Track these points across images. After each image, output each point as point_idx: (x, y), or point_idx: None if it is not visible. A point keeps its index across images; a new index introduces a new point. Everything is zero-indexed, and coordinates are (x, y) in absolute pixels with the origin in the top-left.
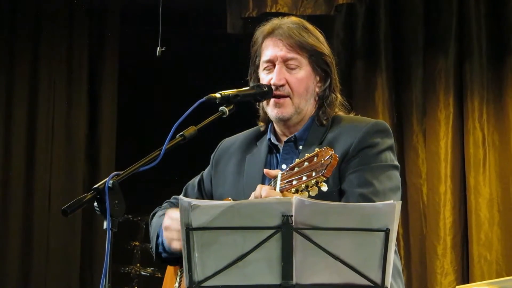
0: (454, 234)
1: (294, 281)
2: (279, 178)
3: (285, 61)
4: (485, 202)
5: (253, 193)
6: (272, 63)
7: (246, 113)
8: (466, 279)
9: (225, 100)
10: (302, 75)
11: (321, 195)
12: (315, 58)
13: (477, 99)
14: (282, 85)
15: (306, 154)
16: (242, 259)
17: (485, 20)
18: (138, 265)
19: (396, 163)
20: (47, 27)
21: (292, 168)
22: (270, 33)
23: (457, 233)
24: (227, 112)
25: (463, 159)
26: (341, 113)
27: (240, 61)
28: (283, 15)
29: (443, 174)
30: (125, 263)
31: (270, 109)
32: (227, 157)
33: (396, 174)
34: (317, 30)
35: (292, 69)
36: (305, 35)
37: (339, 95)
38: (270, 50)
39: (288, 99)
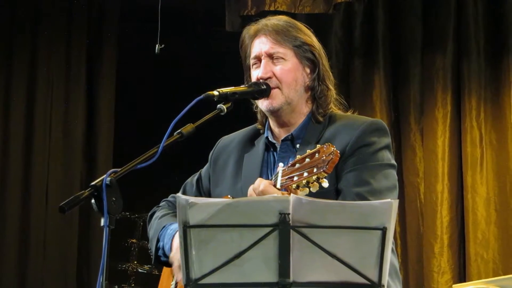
0: (451, 232)
1: (291, 279)
2: (280, 174)
3: (270, 55)
4: (482, 201)
5: (251, 186)
6: (258, 58)
7: (244, 110)
8: (462, 278)
9: (223, 97)
10: (289, 66)
11: (317, 194)
12: (300, 49)
13: (475, 98)
14: (269, 78)
15: (307, 151)
16: (239, 257)
17: (483, 19)
18: (135, 262)
19: (393, 162)
20: (45, 25)
21: (294, 164)
22: (255, 32)
23: (454, 231)
24: (225, 110)
25: (461, 158)
26: (338, 112)
27: (238, 59)
28: (282, 13)
29: (440, 172)
30: (123, 260)
31: (261, 102)
32: (226, 155)
33: (393, 173)
34: (305, 26)
35: (278, 61)
36: (291, 29)
37: (331, 88)
38: (256, 47)
39: (277, 90)
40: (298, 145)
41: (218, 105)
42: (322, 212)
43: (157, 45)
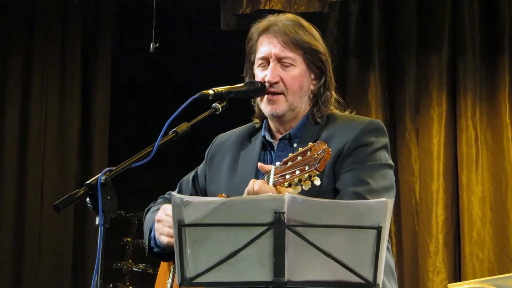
0: (446, 232)
1: (286, 278)
2: (272, 172)
3: (279, 58)
4: (477, 200)
5: (246, 188)
6: (266, 60)
7: (242, 109)
8: (458, 277)
9: (218, 96)
10: (297, 72)
11: (315, 193)
12: (310, 56)
13: (470, 97)
14: (276, 83)
15: (299, 149)
16: (234, 256)
17: (478, 18)
18: (130, 261)
19: (391, 162)
20: (41, 23)
21: (286, 162)
22: (265, 30)
23: (449, 231)
24: (220, 109)
25: (456, 157)
26: (336, 111)
27: (233, 58)
28: (277, 12)
29: (435, 172)
30: (117, 259)
31: (264, 105)
32: (222, 153)
33: (390, 173)
34: (313, 27)
35: (286, 66)
36: (301, 32)
37: (333, 93)
38: (265, 47)
39: (282, 96)
40: (295, 144)
41: (213, 104)
42: (317, 211)
43: (152, 44)
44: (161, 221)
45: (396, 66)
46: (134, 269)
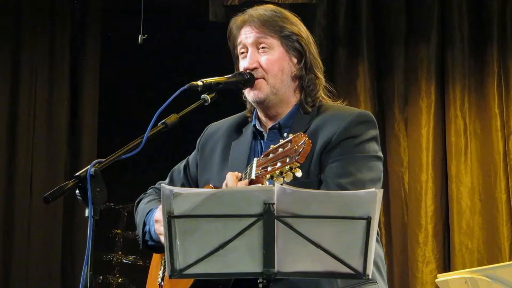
0: (435, 222)
1: (276, 269)
2: (254, 164)
3: (256, 45)
4: (467, 191)
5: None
6: (245, 49)
7: (233, 99)
8: (447, 267)
9: (207, 87)
10: (275, 56)
11: (302, 184)
12: (287, 39)
13: (459, 87)
14: (255, 68)
15: (280, 140)
16: (224, 247)
17: (467, 9)
18: (120, 253)
19: (379, 154)
20: (29, 14)
21: (267, 154)
22: (242, 22)
23: (438, 221)
24: (209, 100)
25: (445, 148)
26: (327, 102)
27: (222, 49)
28: (266, 3)
29: (424, 162)
30: (107, 251)
31: (247, 92)
32: (213, 142)
33: (378, 165)
34: (294, 15)
35: (264, 51)
36: (277, 19)
37: (320, 76)
38: (242, 37)
39: (262, 80)
40: (285, 134)
41: (202, 95)
42: (307, 202)
43: (140, 36)
44: (159, 221)
45: (384, 57)
46: (124, 261)
